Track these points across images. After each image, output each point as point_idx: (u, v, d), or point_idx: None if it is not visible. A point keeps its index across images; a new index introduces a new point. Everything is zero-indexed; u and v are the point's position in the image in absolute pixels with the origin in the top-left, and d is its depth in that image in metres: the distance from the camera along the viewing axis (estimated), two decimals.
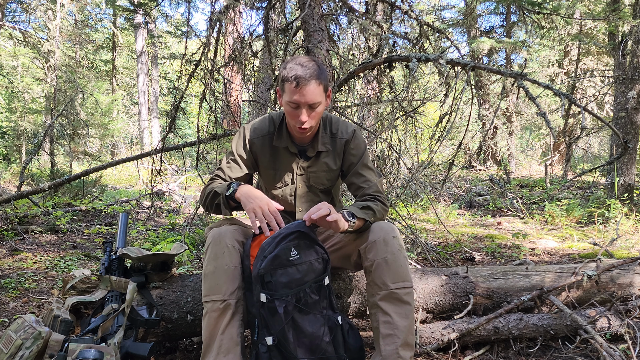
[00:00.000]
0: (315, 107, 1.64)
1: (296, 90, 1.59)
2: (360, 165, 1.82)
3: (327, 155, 1.82)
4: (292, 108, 1.64)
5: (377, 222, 1.70)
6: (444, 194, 6.68)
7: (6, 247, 3.69)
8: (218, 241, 1.59)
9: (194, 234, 4.09)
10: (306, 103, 1.61)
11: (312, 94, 1.60)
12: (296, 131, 1.71)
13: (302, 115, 1.62)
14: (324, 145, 1.80)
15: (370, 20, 3.63)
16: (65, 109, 7.02)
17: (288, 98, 1.62)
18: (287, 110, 1.67)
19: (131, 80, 18.93)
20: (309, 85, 1.59)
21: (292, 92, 1.60)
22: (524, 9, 4.75)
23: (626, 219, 4.52)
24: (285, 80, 1.61)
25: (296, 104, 1.61)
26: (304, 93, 1.59)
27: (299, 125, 1.65)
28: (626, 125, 5.30)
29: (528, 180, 8.65)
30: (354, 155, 1.82)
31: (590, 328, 1.88)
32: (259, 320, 1.48)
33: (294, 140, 1.80)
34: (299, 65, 1.61)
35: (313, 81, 1.59)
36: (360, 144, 1.84)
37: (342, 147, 1.82)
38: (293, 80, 1.59)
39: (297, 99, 1.60)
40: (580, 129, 5.59)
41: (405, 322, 1.57)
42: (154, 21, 15.26)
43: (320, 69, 1.64)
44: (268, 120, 1.84)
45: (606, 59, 9.41)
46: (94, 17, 14.34)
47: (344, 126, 1.84)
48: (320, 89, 1.63)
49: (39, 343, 1.46)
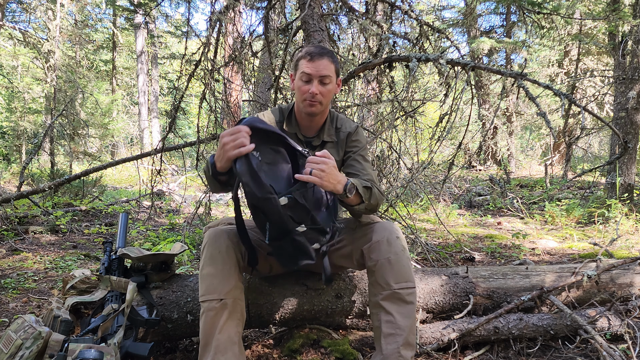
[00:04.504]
0: (326, 82, 1.70)
1: (309, 63, 1.67)
2: (358, 155, 1.84)
3: (332, 147, 1.85)
4: (304, 82, 1.69)
5: (381, 222, 1.70)
6: (444, 194, 6.68)
7: (6, 247, 3.69)
8: (214, 241, 1.60)
9: (194, 234, 4.09)
10: (318, 74, 1.67)
11: (325, 67, 1.68)
12: (305, 108, 1.73)
13: (313, 87, 1.67)
14: (330, 137, 1.84)
15: (370, 20, 3.63)
16: (65, 109, 7.02)
17: (301, 70, 1.69)
18: (298, 87, 1.71)
19: (131, 80, 18.94)
20: (322, 59, 1.68)
21: (305, 65, 1.68)
22: (524, 9, 4.75)
23: (626, 219, 4.52)
24: (299, 58, 1.71)
25: (309, 75, 1.68)
26: (317, 65, 1.67)
27: (310, 99, 1.69)
28: (626, 125, 5.30)
29: (528, 180, 8.65)
30: (354, 146, 1.86)
31: (590, 328, 1.88)
32: (276, 222, 1.44)
33: (301, 131, 1.84)
34: (312, 46, 1.73)
35: (326, 57, 1.69)
36: (361, 139, 1.88)
37: (345, 139, 1.86)
38: (307, 54, 1.69)
39: (310, 70, 1.67)
40: (580, 129, 5.58)
41: (408, 322, 1.57)
42: (154, 21, 15.26)
43: (334, 54, 1.74)
44: (277, 109, 1.88)
45: (606, 59, 9.41)
46: (94, 17, 14.34)
47: (348, 122, 1.90)
48: (332, 68, 1.71)
49: (39, 343, 1.46)
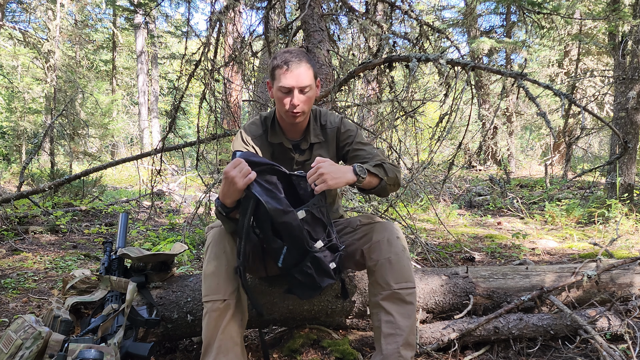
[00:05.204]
0: (306, 91, 1.64)
1: (287, 73, 1.60)
2: (356, 144, 1.81)
3: (321, 147, 1.82)
4: (283, 93, 1.63)
5: (381, 222, 1.69)
6: (444, 194, 6.68)
7: (6, 247, 3.69)
8: (218, 241, 1.59)
9: (194, 234, 4.09)
10: (297, 86, 1.61)
11: (304, 77, 1.61)
12: (288, 118, 1.69)
13: (294, 98, 1.62)
14: (317, 137, 1.81)
15: (370, 20, 3.63)
16: (65, 109, 7.02)
17: (279, 83, 1.62)
18: (278, 98, 1.66)
19: (131, 80, 18.93)
20: (299, 67, 1.60)
21: (283, 76, 1.61)
22: (524, 9, 4.75)
23: (626, 219, 4.52)
24: (276, 67, 1.63)
25: (287, 88, 1.61)
26: (295, 76, 1.60)
27: (291, 110, 1.64)
28: (626, 125, 5.30)
29: (528, 180, 8.65)
30: (348, 137, 1.83)
31: (590, 328, 1.88)
32: (296, 240, 1.47)
33: (286, 136, 1.80)
34: (287, 53, 1.63)
35: (303, 64, 1.61)
36: (350, 127, 1.85)
37: (334, 136, 1.83)
38: (283, 64, 1.60)
39: (289, 82, 1.60)
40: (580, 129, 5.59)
41: (408, 322, 1.56)
42: (154, 21, 15.25)
43: (309, 56, 1.66)
44: (259, 120, 1.84)
45: (606, 59, 9.41)
46: (94, 17, 14.34)
47: (332, 116, 1.86)
48: (311, 74, 1.64)
49: (39, 343, 1.46)
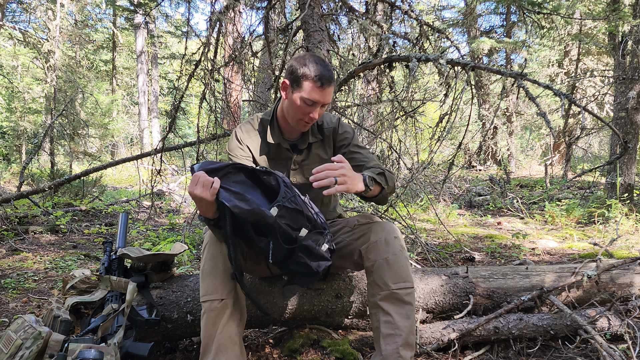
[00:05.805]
0: (327, 106, 1.69)
1: (320, 90, 1.61)
2: (353, 147, 1.84)
3: (318, 147, 1.84)
4: (308, 105, 1.64)
5: (379, 222, 1.70)
6: (444, 194, 6.68)
7: (6, 247, 3.69)
8: (215, 241, 1.60)
9: (194, 234, 4.10)
10: (324, 102, 1.65)
11: (330, 95, 1.66)
12: (299, 126, 1.73)
13: (314, 113, 1.65)
14: (314, 136, 1.83)
15: (370, 20, 3.63)
16: (65, 109, 7.02)
17: (307, 95, 1.62)
18: (298, 106, 1.65)
19: (131, 80, 18.93)
20: (331, 86, 1.64)
21: (314, 90, 1.61)
22: (524, 9, 4.75)
23: (626, 219, 4.52)
24: (307, 77, 1.61)
25: (315, 102, 1.63)
26: (326, 94, 1.63)
27: (308, 121, 1.68)
28: (626, 125, 5.30)
29: (528, 180, 8.64)
30: (344, 138, 1.85)
31: (590, 328, 1.87)
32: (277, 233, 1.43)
33: (284, 136, 1.83)
34: (320, 66, 1.62)
35: (333, 82, 1.65)
36: (347, 129, 1.87)
37: (331, 136, 1.85)
38: (317, 80, 1.60)
39: (318, 98, 1.62)
40: (580, 129, 5.59)
41: (407, 322, 1.56)
42: (154, 21, 15.25)
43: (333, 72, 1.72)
44: (255, 121, 1.85)
45: (606, 59, 9.40)
46: (94, 17, 14.33)
47: (328, 117, 1.88)
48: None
49: (39, 343, 1.46)
